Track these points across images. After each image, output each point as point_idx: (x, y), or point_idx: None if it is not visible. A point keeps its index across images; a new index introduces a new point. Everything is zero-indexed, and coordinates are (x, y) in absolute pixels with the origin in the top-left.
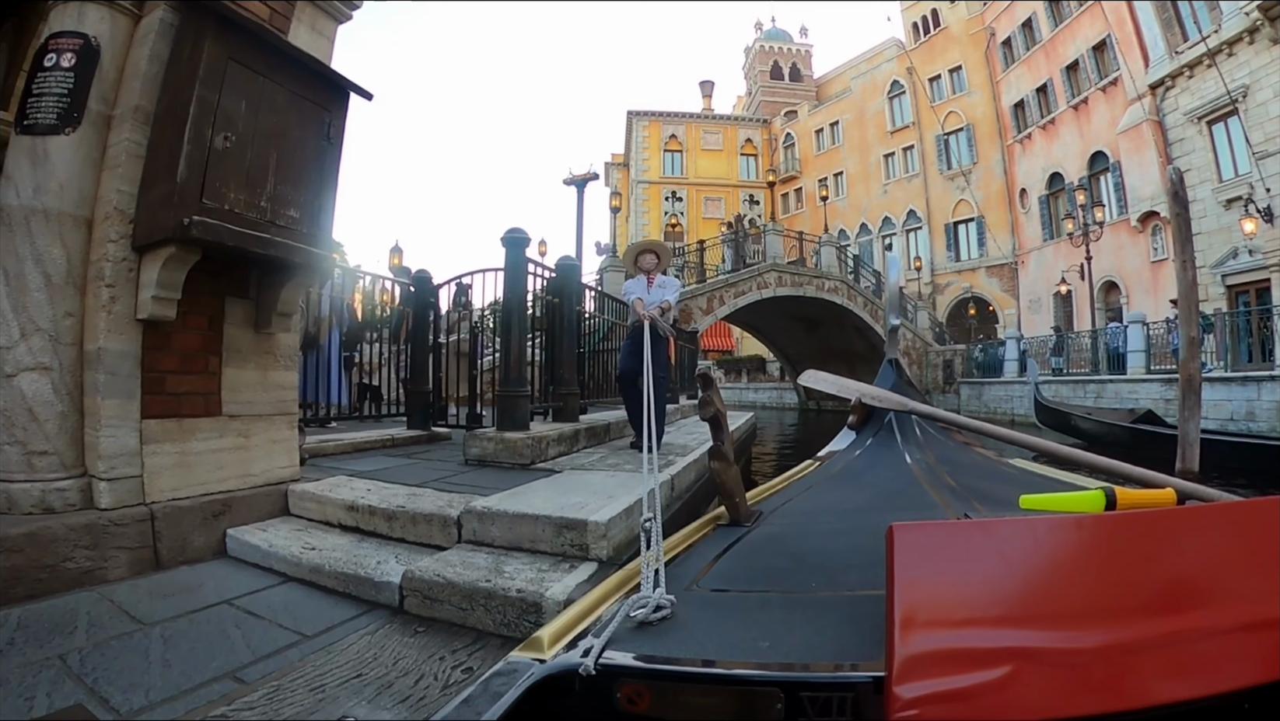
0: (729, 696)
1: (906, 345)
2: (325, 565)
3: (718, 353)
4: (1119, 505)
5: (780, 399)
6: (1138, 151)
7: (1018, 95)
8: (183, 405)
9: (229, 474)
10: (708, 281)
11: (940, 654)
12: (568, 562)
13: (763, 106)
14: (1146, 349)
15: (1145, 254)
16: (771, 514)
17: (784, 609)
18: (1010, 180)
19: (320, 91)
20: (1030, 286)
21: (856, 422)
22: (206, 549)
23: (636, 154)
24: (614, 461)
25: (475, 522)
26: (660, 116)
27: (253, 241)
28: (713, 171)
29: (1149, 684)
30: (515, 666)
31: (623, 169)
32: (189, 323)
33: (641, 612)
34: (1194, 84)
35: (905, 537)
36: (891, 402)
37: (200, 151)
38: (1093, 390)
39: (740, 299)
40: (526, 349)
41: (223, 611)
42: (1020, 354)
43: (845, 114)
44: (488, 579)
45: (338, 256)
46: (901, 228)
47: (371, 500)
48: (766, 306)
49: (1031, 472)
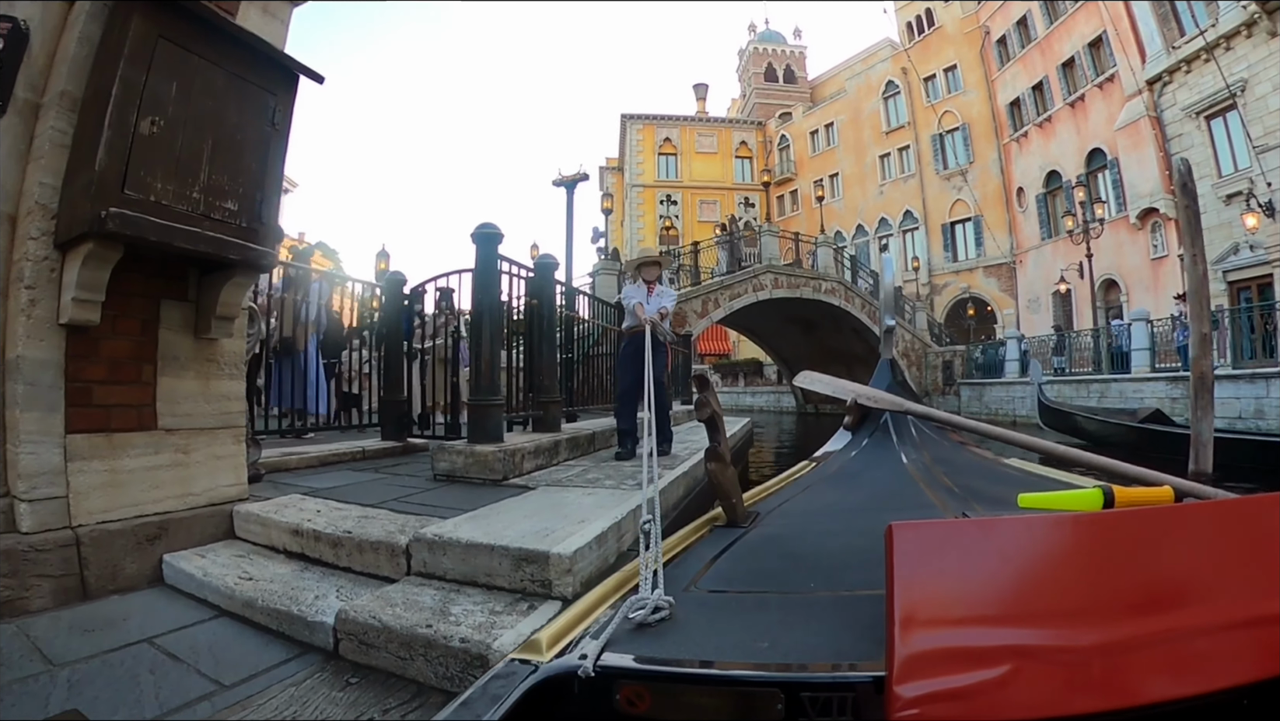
0: (729, 697)
1: (905, 346)
2: (259, 599)
3: (714, 356)
4: (1117, 503)
5: (778, 402)
6: (1136, 148)
7: (1014, 93)
8: (113, 418)
9: (166, 493)
10: (703, 284)
11: (940, 653)
12: (526, 602)
13: (757, 109)
14: (1151, 347)
15: (1145, 251)
16: (768, 515)
17: (782, 609)
18: (1007, 179)
19: (264, 73)
20: (1029, 286)
21: (852, 423)
22: (140, 576)
23: (630, 157)
24: (595, 476)
25: (425, 552)
26: (654, 119)
27: (181, 236)
28: (707, 174)
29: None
30: (514, 669)
31: (617, 173)
32: (119, 327)
33: (640, 614)
34: (1192, 79)
35: (904, 536)
36: (887, 403)
37: (123, 137)
38: (1096, 390)
39: (736, 301)
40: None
41: (141, 651)
42: (1021, 354)
43: (840, 115)
44: (429, 623)
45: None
46: (898, 228)
47: (318, 524)
48: (763, 309)
49: (1028, 472)
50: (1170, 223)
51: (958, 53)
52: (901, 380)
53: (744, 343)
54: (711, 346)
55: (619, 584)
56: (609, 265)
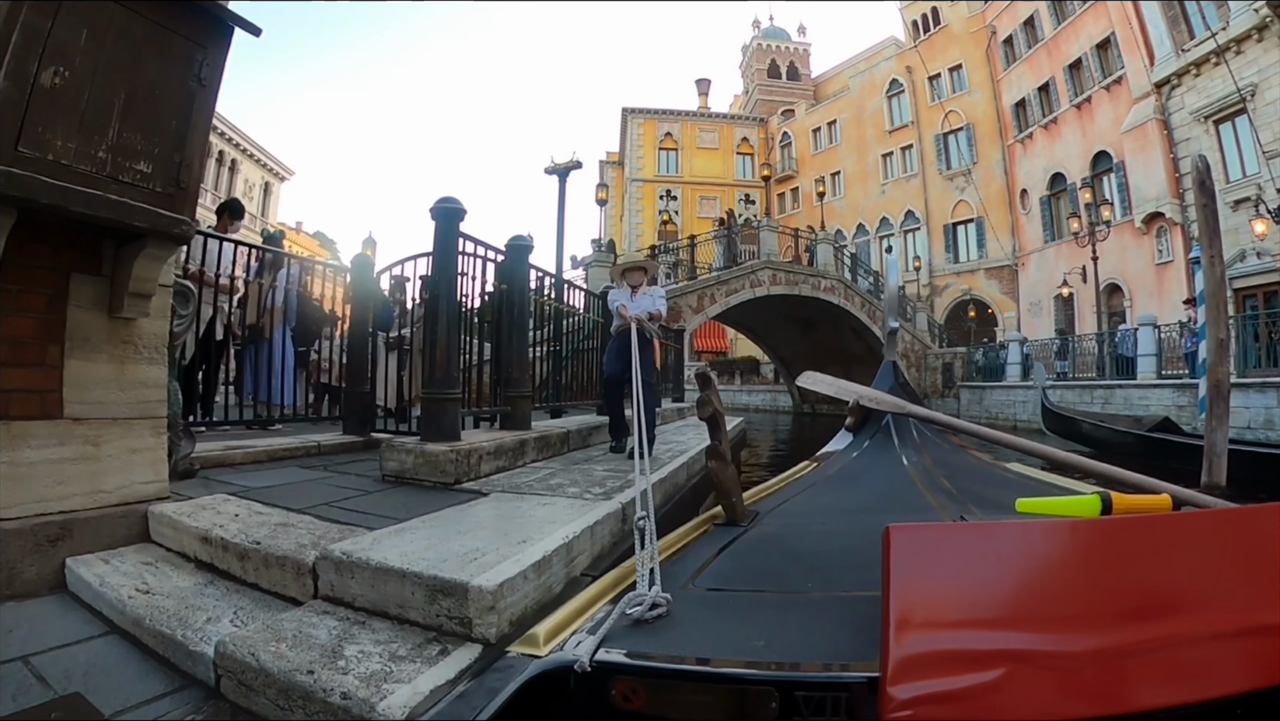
0: (724, 695)
1: (905, 347)
2: (147, 617)
3: (711, 354)
4: (1115, 510)
5: (774, 401)
6: (1142, 151)
7: (1019, 94)
8: (12, 404)
9: (72, 490)
10: (699, 279)
11: (935, 655)
12: (439, 644)
13: (760, 105)
14: (1158, 353)
15: (1149, 256)
16: (768, 514)
17: (779, 608)
18: (1011, 180)
19: (192, 24)
20: (1031, 289)
21: (854, 424)
22: (40, 581)
23: (631, 151)
24: (559, 482)
25: (332, 573)
26: (655, 114)
27: (79, 199)
28: (708, 170)
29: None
30: (511, 662)
31: (617, 167)
32: (21, 303)
33: (637, 610)
34: (1200, 82)
35: (901, 539)
36: (889, 405)
37: (20, 89)
38: (1100, 395)
39: (732, 297)
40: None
41: (11, 671)
42: (1023, 357)
43: (843, 113)
44: (312, 667)
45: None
46: (899, 228)
47: (228, 531)
48: (760, 306)
49: (1028, 477)
50: (1176, 228)
51: (963, 52)
52: (904, 382)
53: (742, 340)
54: (709, 344)
55: (617, 579)
56: (602, 258)
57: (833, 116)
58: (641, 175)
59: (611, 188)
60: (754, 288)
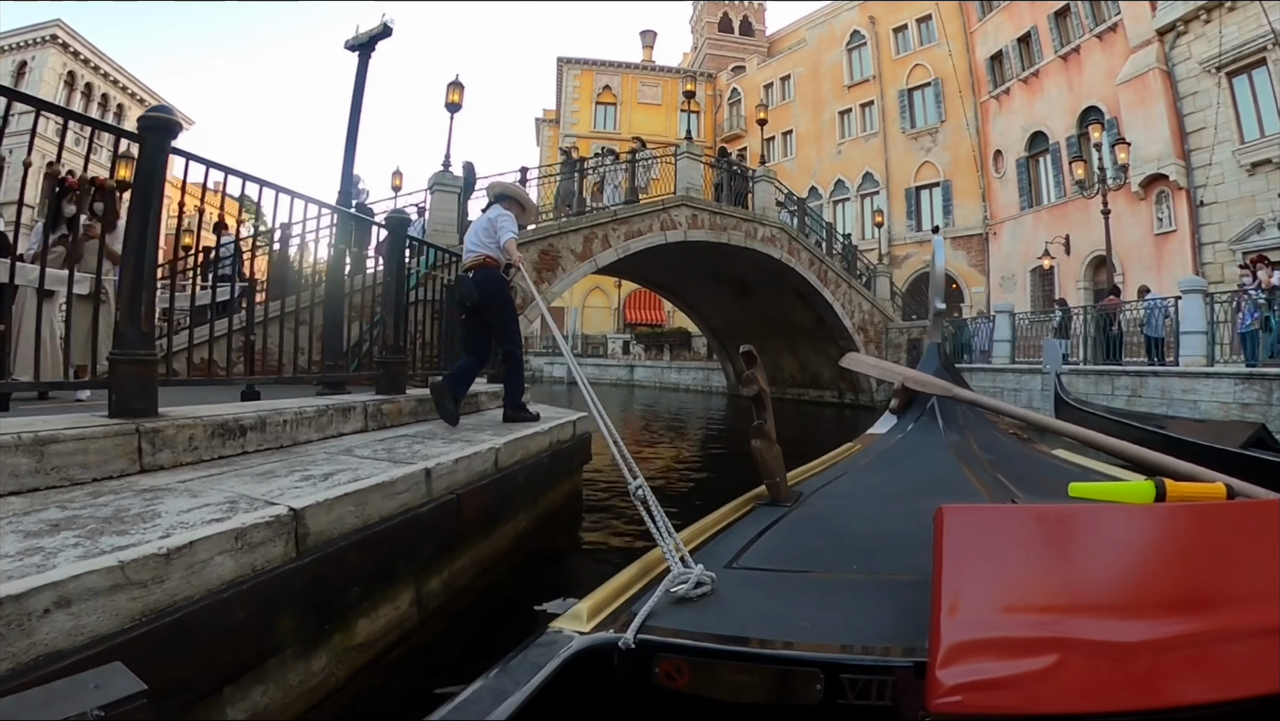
0: (768, 675)
1: (863, 319)
2: None
3: (646, 326)
4: (1168, 497)
5: (707, 381)
6: (1142, 105)
7: (995, 46)
8: None
9: None
10: (588, 213)
11: (984, 641)
12: None
13: (708, 60)
14: (1210, 331)
15: (1148, 225)
16: (812, 495)
17: (824, 590)
18: (983, 141)
19: None
20: (1003, 261)
21: (898, 407)
22: None
23: (566, 105)
24: None
25: None
26: (594, 65)
27: None
28: (649, 127)
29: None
30: (555, 638)
31: (553, 125)
32: None
33: (682, 589)
34: (1210, 29)
35: (955, 521)
36: (934, 387)
37: None
38: (1125, 386)
39: (635, 241)
40: None
41: None
42: (1013, 332)
43: (798, 67)
44: None
45: None
46: (855, 192)
47: None
48: (680, 261)
49: (1075, 463)
50: (1180, 193)
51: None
52: (949, 363)
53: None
54: (642, 315)
55: (661, 557)
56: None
57: (787, 70)
58: (575, 130)
59: (546, 149)
60: (666, 230)
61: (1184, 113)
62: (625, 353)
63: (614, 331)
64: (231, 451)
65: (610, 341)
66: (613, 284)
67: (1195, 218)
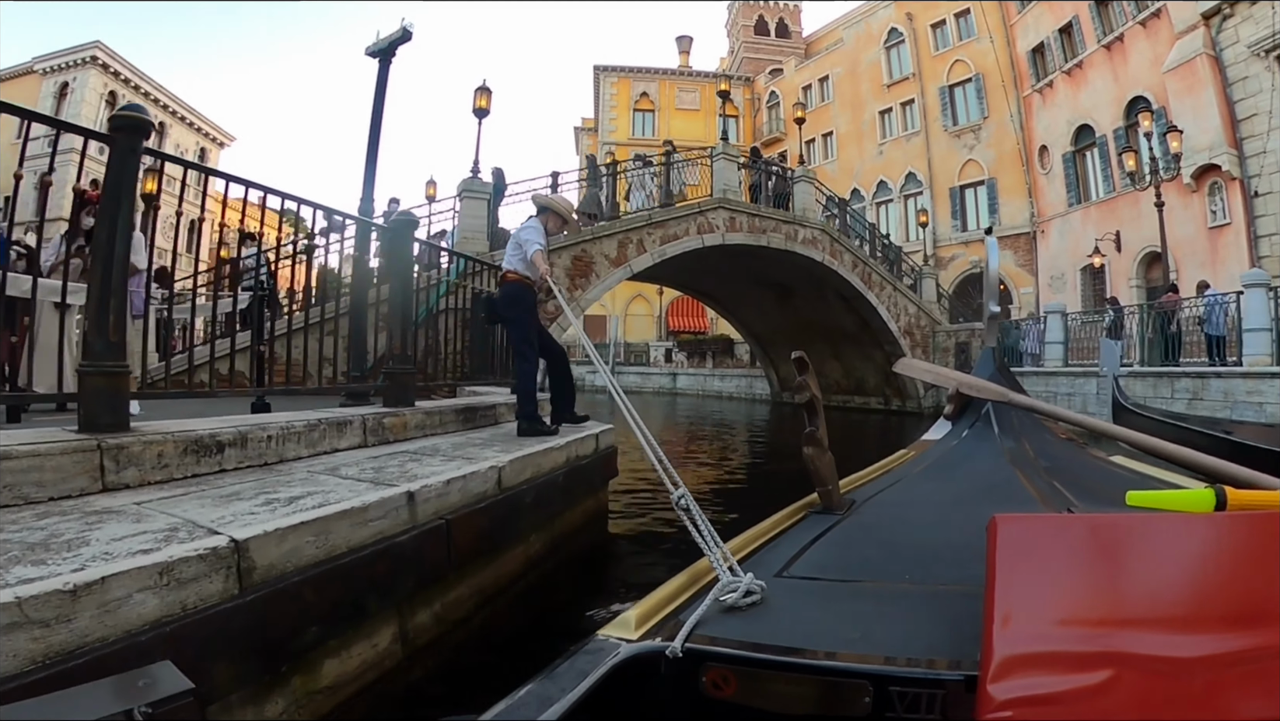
0: (816, 686)
1: (908, 322)
2: None
3: (689, 333)
4: (1229, 506)
5: (750, 388)
6: (1190, 93)
7: (1036, 38)
8: None
9: None
10: (622, 218)
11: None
12: None
13: (745, 64)
14: (1273, 327)
15: (1201, 218)
16: (864, 503)
17: (875, 600)
18: (1028, 136)
19: None
20: (1052, 260)
21: (953, 412)
22: None
23: (604, 113)
24: None
25: None
26: (630, 72)
27: None
28: (688, 133)
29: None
30: (602, 645)
31: (592, 134)
32: None
33: (731, 597)
34: (1258, 10)
35: (1009, 530)
36: (990, 392)
37: None
38: (1185, 388)
39: (671, 246)
40: None
41: None
42: (1065, 333)
43: (836, 67)
44: None
45: None
46: (899, 193)
47: None
48: (720, 266)
49: (1133, 470)
50: (1233, 183)
51: None
52: (1005, 368)
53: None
54: (684, 322)
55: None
56: (477, 187)
57: (825, 71)
58: (614, 138)
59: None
60: (703, 234)
61: (1234, 99)
62: (667, 360)
63: (656, 339)
64: (207, 469)
65: (652, 349)
66: (654, 291)
67: (1250, 209)
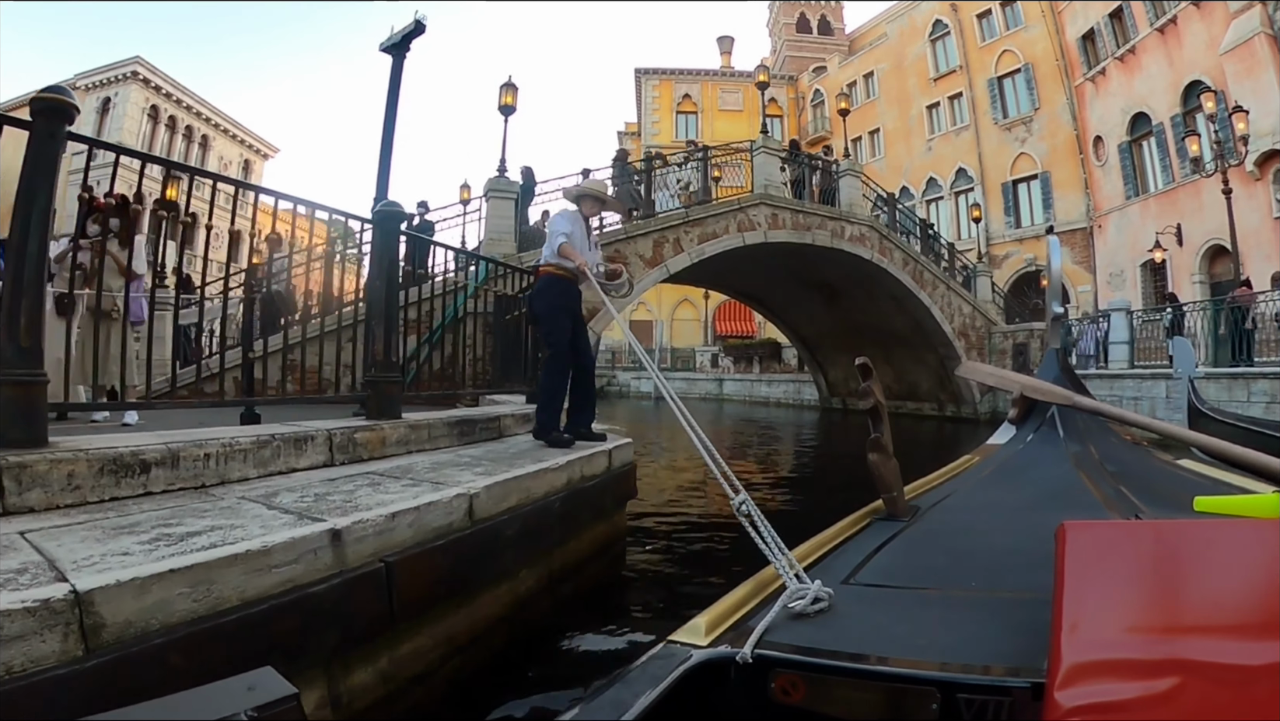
0: (884, 692)
1: (963, 323)
2: None
3: (737, 338)
4: None
5: (798, 393)
6: (1249, 75)
7: (1085, 25)
8: None
9: None
10: (658, 215)
11: (1104, 662)
12: None
13: (788, 63)
14: None
15: (1266, 208)
16: (929, 509)
17: (942, 607)
18: (1081, 127)
19: None
20: (1110, 255)
21: (1017, 416)
22: None
23: (646, 116)
24: None
25: None
26: (672, 74)
27: None
28: (731, 134)
29: None
30: (673, 651)
31: (635, 138)
32: None
33: (799, 604)
34: None
35: (1077, 537)
36: (1054, 396)
37: None
38: (1262, 391)
39: (710, 245)
40: None
41: None
42: (1130, 332)
43: (881, 63)
44: None
45: None
46: (949, 189)
47: None
48: (763, 266)
49: (1202, 474)
50: None
51: None
52: (1069, 371)
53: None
54: (731, 327)
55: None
56: (504, 186)
57: (869, 68)
58: (657, 141)
59: None
60: (744, 231)
61: None
62: (714, 366)
63: (702, 344)
64: (128, 492)
65: (698, 354)
66: (701, 295)
67: None
